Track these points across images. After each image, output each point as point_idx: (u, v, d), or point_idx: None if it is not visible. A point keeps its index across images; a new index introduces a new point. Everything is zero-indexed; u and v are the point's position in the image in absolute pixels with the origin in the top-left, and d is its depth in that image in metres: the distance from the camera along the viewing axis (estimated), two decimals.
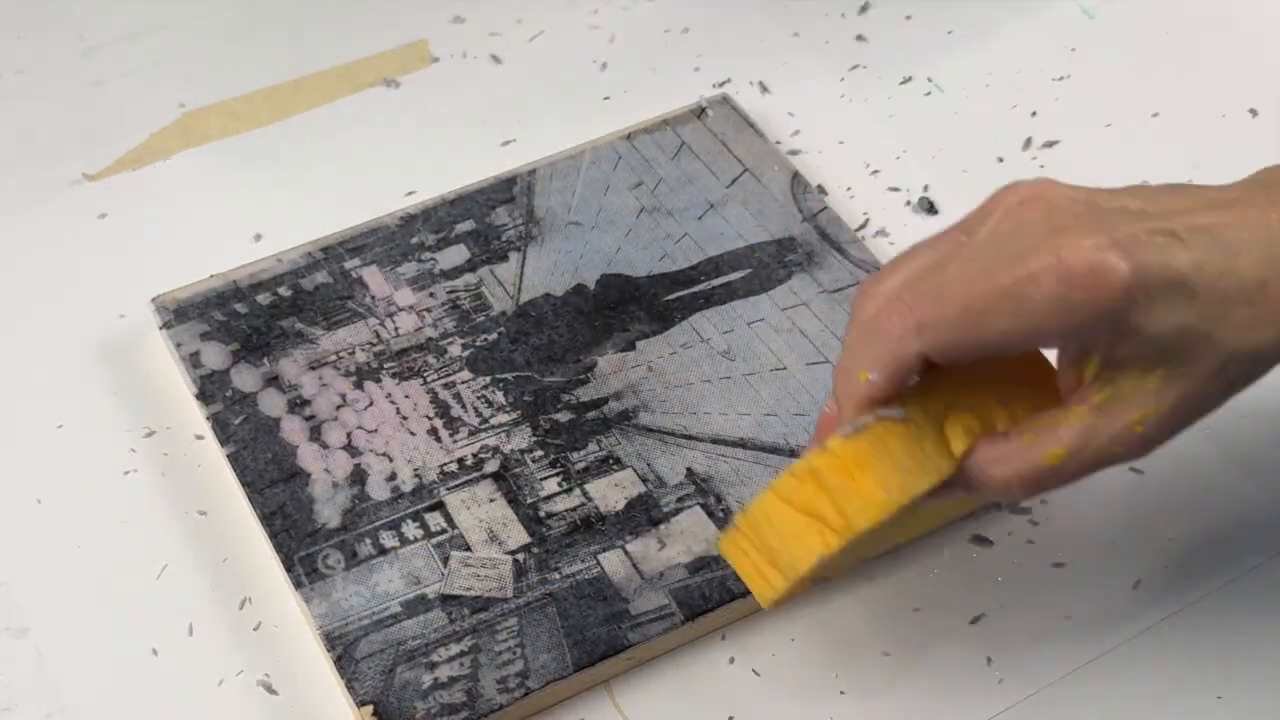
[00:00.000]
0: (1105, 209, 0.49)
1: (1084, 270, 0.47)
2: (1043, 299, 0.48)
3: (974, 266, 0.49)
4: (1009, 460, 0.51)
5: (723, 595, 0.61)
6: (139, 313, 0.69)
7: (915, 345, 0.49)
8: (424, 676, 0.58)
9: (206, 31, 0.84)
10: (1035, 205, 0.49)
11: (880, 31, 0.85)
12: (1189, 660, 0.62)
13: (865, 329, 0.51)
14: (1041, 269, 0.48)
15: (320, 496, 0.63)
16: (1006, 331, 0.49)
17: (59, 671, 0.60)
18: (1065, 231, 0.48)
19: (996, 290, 0.48)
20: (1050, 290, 0.48)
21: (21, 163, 0.77)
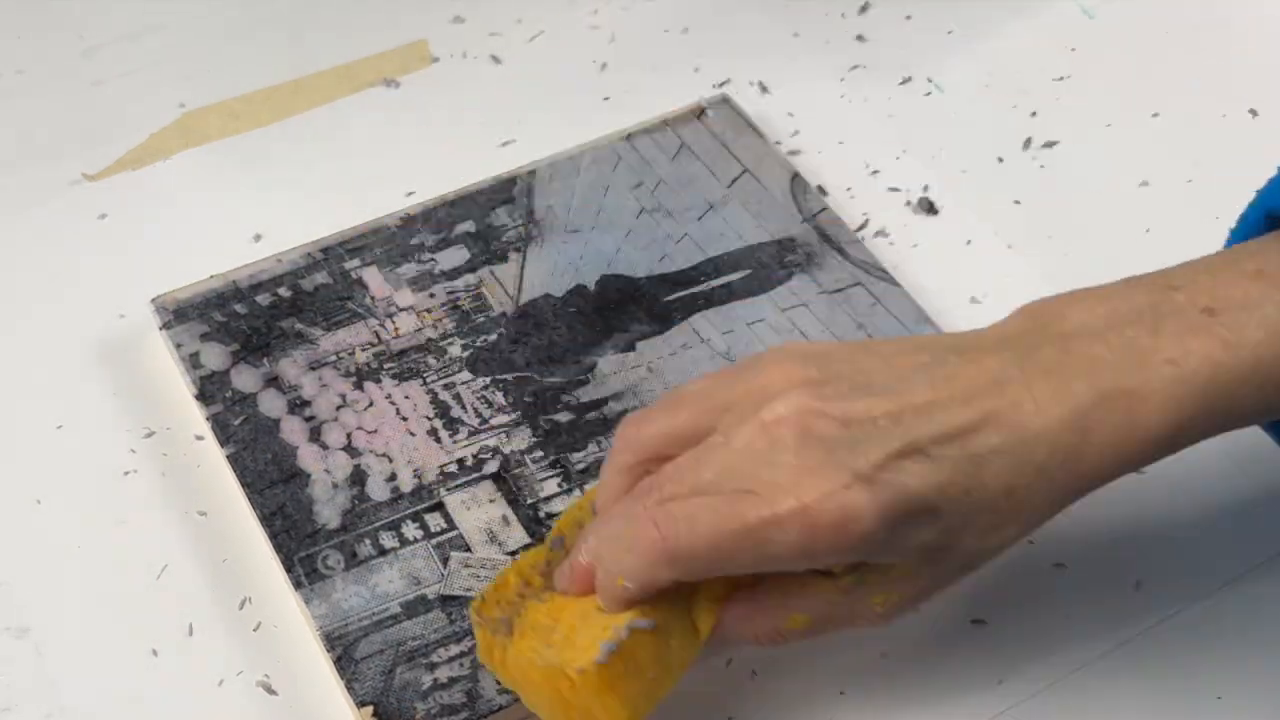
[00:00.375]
0: (856, 427, 0.50)
1: (828, 522, 0.49)
2: (786, 543, 0.50)
3: (724, 492, 0.51)
4: (754, 619, 0.54)
5: None
6: (139, 313, 0.69)
7: (667, 573, 0.51)
8: (424, 677, 0.58)
9: (206, 31, 0.84)
10: (790, 427, 0.50)
11: (880, 31, 0.85)
12: (1189, 660, 0.62)
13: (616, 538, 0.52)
14: (787, 514, 0.49)
15: (320, 497, 0.63)
16: (753, 566, 0.51)
17: (59, 671, 0.60)
18: (812, 472, 0.49)
19: (744, 530, 0.50)
20: (795, 537, 0.49)
21: (21, 163, 0.77)
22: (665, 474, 0.53)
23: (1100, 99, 0.81)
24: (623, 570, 0.52)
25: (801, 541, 0.50)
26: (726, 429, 0.52)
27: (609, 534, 0.53)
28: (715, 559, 0.51)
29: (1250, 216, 0.57)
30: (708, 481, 0.51)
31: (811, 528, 0.49)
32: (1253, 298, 0.52)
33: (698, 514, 0.50)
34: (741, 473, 0.51)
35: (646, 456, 0.54)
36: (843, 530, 0.49)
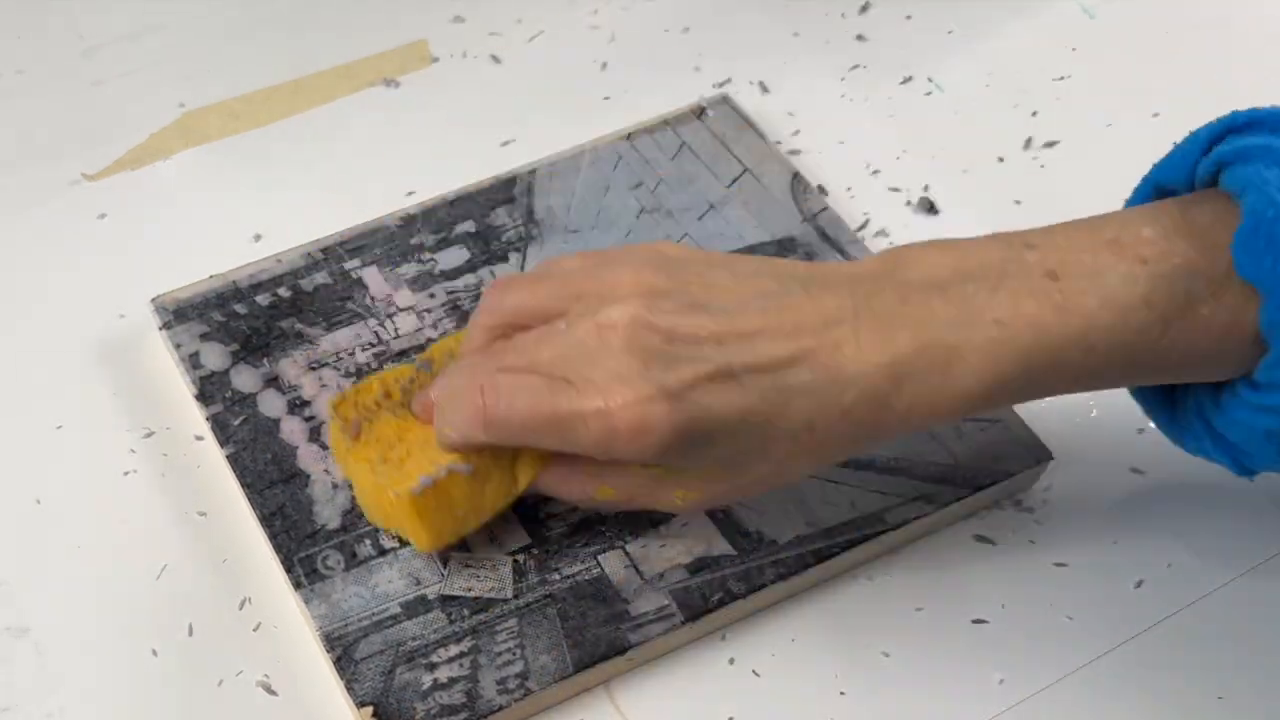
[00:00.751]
0: (679, 344, 0.54)
1: (625, 428, 0.53)
2: (588, 437, 0.54)
3: (550, 377, 0.55)
4: (569, 482, 0.58)
5: (723, 596, 0.61)
6: (139, 313, 0.69)
7: (482, 436, 0.56)
8: (424, 677, 0.58)
9: (206, 31, 0.84)
10: (618, 333, 0.54)
11: (880, 31, 0.85)
12: (1189, 660, 0.62)
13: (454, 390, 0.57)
14: (592, 413, 0.54)
15: (320, 497, 0.63)
16: (559, 448, 0.56)
17: (59, 671, 0.60)
18: (624, 380, 0.53)
19: (553, 417, 0.54)
20: (594, 434, 0.54)
21: (21, 163, 0.77)
22: (513, 344, 0.57)
23: (1100, 99, 0.81)
24: (449, 422, 0.57)
25: (600, 439, 0.54)
26: (571, 318, 0.56)
27: (449, 385, 0.58)
28: (525, 435, 0.56)
29: (1142, 189, 0.58)
30: (543, 362, 0.55)
31: (610, 430, 0.53)
32: (1098, 266, 0.53)
33: (519, 392, 0.55)
34: (569, 363, 0.55)
35: (503, 323, 0.58)
36: (638, 437, 0.53)
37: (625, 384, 0.53)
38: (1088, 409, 0.69)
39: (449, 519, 0.59)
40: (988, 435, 0.66)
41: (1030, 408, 0.68)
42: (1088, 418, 0.69)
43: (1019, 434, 0.66)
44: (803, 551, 0.62)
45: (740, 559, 0.62)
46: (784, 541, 0.62)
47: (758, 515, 0.63)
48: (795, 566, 0.62)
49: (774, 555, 0.62)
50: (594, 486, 0.58)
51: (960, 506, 0.65)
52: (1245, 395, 0.53)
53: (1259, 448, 0.53)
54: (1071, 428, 0.68)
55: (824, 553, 0.62)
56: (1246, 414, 0.53)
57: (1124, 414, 0.69)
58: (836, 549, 0.62)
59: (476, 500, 0.59)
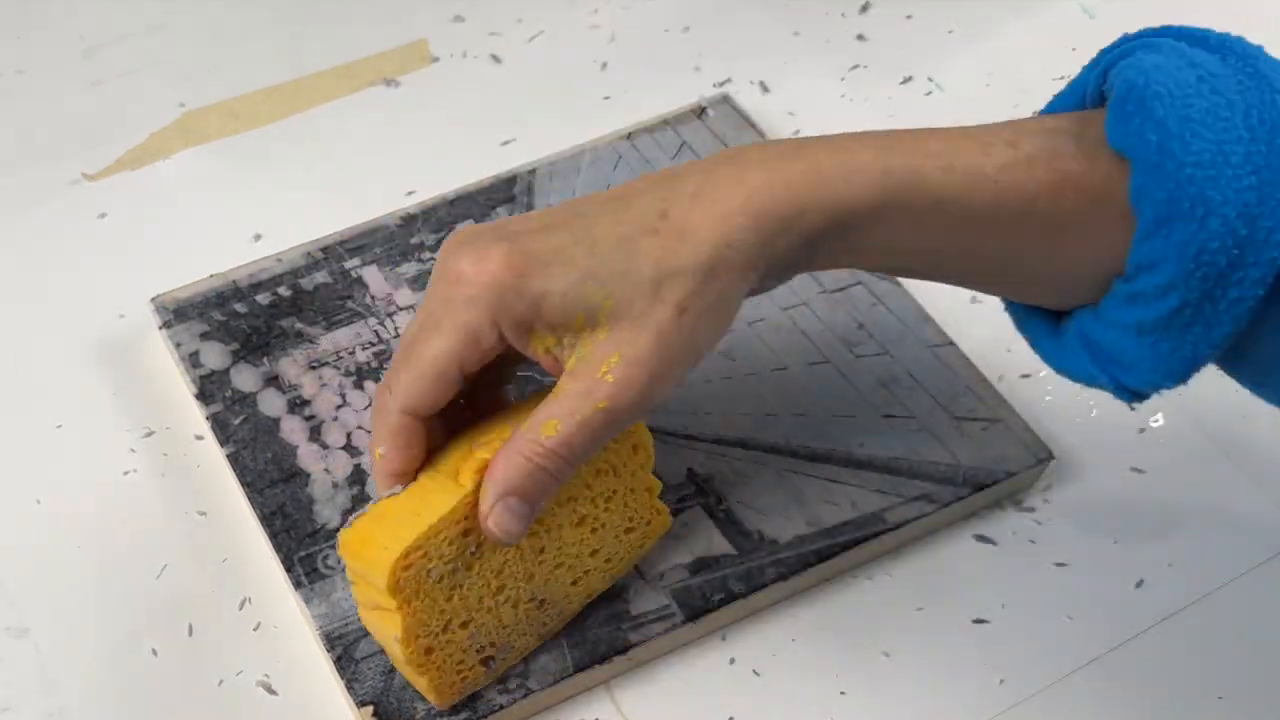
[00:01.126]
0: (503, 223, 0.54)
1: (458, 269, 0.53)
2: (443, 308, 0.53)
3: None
4: (512, 453, 0.54)
5: (723, 595, 0.61)
6: (139, 313, 0.69)
7: (395, 406, 0.55)
8: None
9: (206, 31, 0.84)
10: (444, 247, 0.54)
11: (880, 31, 0.85)
12: (1189, 660, 0.62)
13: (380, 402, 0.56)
14: (436, 283, 0.54)
15: (320, 496, 0.63)
16: (445, 351, 0.53)
17: (59, 671, 0.60)
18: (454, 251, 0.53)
19: (418, 325, 0.54)
20: (443, 296, 0.53)
21: (21, 163, 0.77)
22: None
23: None
24: (376, 438, 0.56)
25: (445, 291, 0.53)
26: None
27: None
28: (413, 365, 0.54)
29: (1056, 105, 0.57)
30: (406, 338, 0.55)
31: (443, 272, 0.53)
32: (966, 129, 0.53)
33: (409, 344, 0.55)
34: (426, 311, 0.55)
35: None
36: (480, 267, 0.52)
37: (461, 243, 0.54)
38: (1088, 409, 0.69)
39: (390, 531, 0.54)
40: (988, 435, 0.66)
41: (1030, 408, 0.68)
42: (1088, 418, 0.69)
43: (1019, 434, 0.66)
44: (803, 551, 0.62)
45: (740, 559, 0.62)
46: (784, 541, 0.62)
47: (758, 515, 0.63)
48: (795, 566, 0.62)
49: (774, 555, 0.62)
50: (537, 432, 0.54)
51: (960, 506, 0.65)
52: (1118, 289, 0.51)
53: (1133, 349, 0.51)
54: (1071, 428, 0.68)
55: (824, 553, 0.62)
56: (1119, 310, 0.51)
57: (1124, 414, 0.69)
58: (836, 549, 0.62)
59: (417, 509, 0.55)
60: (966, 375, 0.68)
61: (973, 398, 0.67)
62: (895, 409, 0.67)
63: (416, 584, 0.54)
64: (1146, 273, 0.50)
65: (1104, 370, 0.53)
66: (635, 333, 0.53)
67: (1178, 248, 0.48)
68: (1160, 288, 0.49)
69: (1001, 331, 0.71)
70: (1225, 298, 0.49)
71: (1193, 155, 0.48)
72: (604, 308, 0.52)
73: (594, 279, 0.52)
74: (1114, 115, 0.50)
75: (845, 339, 0.69)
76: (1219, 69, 0.50)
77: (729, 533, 0.63)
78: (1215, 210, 0.47)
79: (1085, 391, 0.69)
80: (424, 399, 0.54)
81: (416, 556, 0.54)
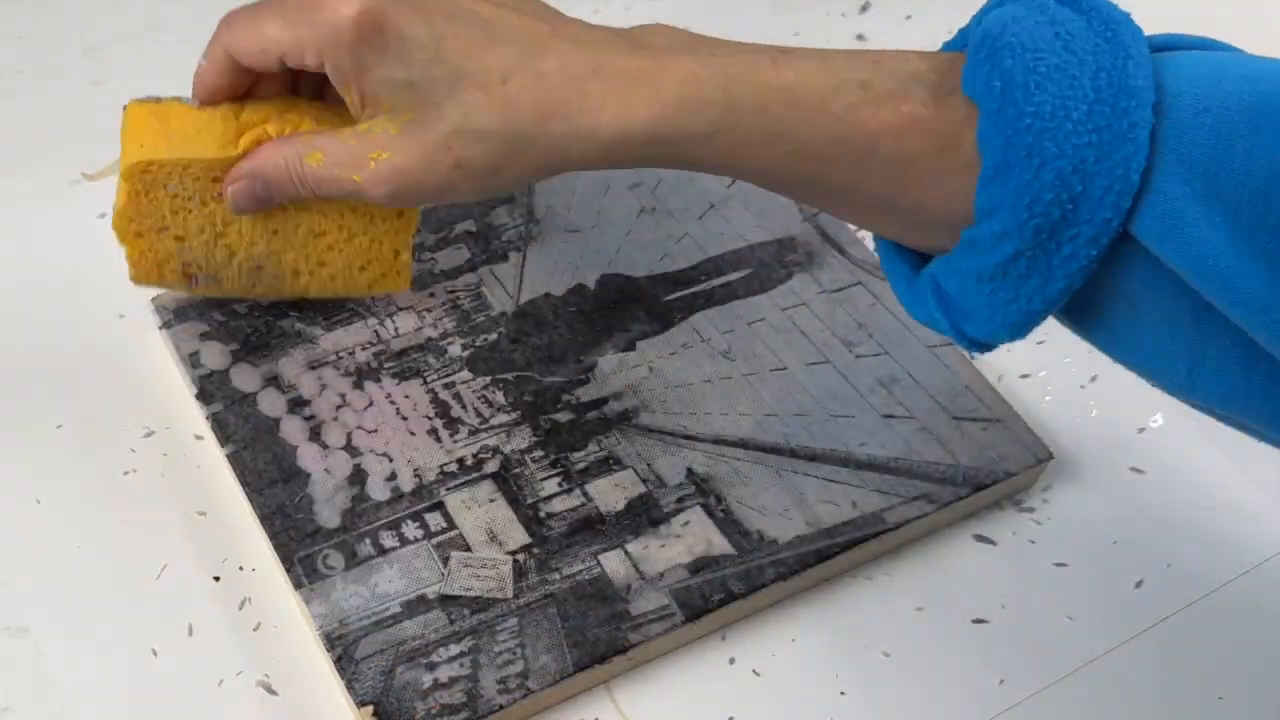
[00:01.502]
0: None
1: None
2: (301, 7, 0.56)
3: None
4: (277, 151, 0.60)
5: (723, 595, 0.61)
6: (139, 313, 0.69)
7: (222, 40, 0.60)
8: (424, 677, 0.58)
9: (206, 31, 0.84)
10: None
11: (880, 31, 0.85)
12: (1189, 660, 0.62)
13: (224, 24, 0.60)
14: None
15: (320, 496, 0.63)
16: (275, 39, 0.57)
17: (59, 671, 0.60)
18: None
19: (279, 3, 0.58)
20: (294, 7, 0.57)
21: (21, 163, 0.77)
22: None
23: None
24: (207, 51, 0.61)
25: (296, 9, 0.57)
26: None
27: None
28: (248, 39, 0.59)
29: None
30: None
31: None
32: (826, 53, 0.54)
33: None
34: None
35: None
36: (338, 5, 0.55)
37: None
38: (1088, 409, 0.69)
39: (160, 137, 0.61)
40: (988, 435, 0.66)
41: (1030, 408, 0.68)
42: (1088, 418, 0.69)
43: (1019, 434, 0.66)
44: (803, 551, 0.62)
45: (740, 559, 0.62)
46: (784, 541, 0.62)
47: (758, 515, 0.63)
48: (795, 566, 0.62)
49: (774, 555, 0.62)
50: (304, 147, 0.59)
51: (960, 506, 0.65)
52: (963, 236, 0.52)
53: (973, 296, 0.52)
54: (1071, 428, 0.68)
55: (824, 553, 0.62)
56: (963, 256, 0.52)
57: (1124, 414, 0.69)
58: (836, 549, 0.63)
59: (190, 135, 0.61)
60: (966, 375, 0.68)
61: (972, 398, 0.67)
62: (895, 409, 0.67)
63: (148, 186, 0.61)
64: (986, 219, 0.50)
65: (947, 317, 0.53)
66: (412, 151, 0.56)
67: (1013, 195, 0.49)
68: (996, 235, 0.49)
69: None
70: (1059, 253, 0.49)
71: (1033, 105, 0.48)
72: (404, 115, 0.56)
73: (411, 90, 0.55)
74: (969, 63, 0.51)
75: (845, 339, 0.69)
76: (1079, 29, 0.50)
77: (729, 533, 0.63)
78: (1050, 162, 0.48)
79: (1085, 391, 0.70)
80: (244, 56, 0.59)
81: (159, 170, 0.61)
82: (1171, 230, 0.48)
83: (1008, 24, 0.50)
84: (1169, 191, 0.47)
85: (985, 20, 0.51)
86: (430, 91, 0.55)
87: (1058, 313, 0.52)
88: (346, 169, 0.58)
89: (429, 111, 0.55)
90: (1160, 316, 0.50)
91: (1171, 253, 0.48)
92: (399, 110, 0.56)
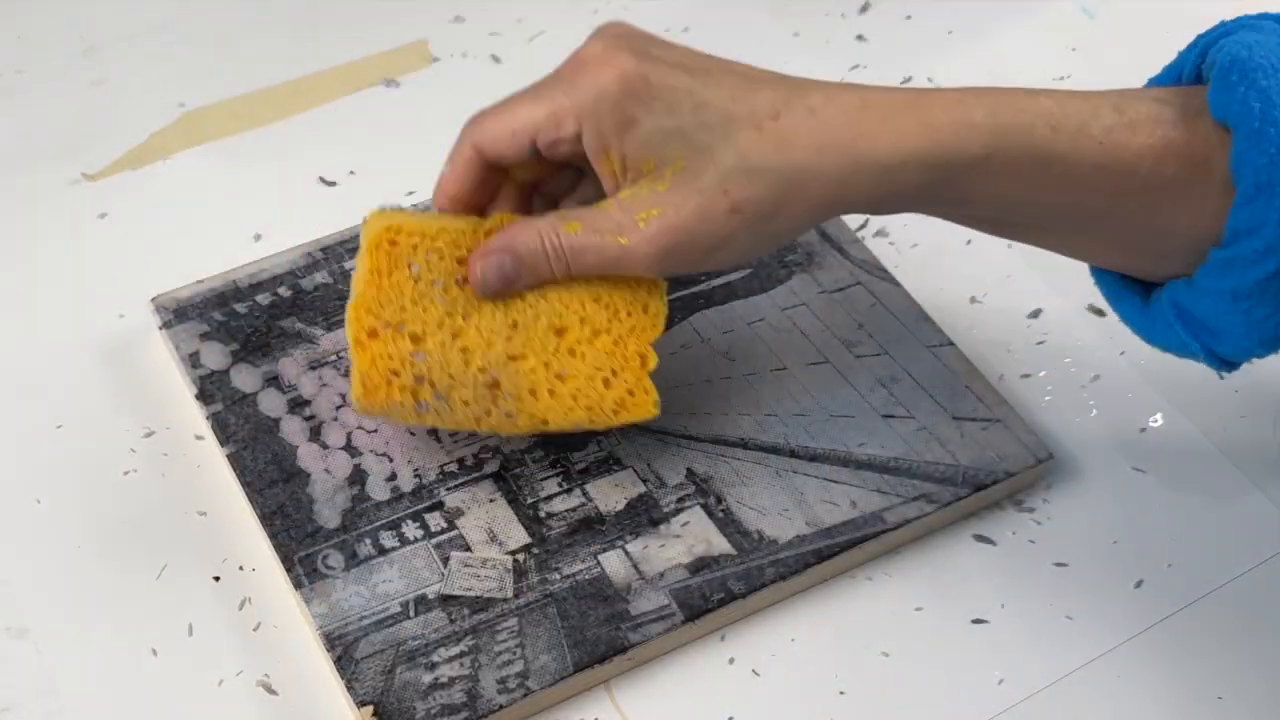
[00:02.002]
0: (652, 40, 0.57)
1: (589, 57, 0.56)
2: (554, 83, 0.57)
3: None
4: (531, 224, 0.59)
5: (723, 595, 0.61)
6: (139, 313, 0.69)
7: (469, 138, 0.59)
8: (424, 677, 0.58)
9: (206, 31, 0.84)
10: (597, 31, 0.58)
11: (880, 31, 0.85)
12: (1189, 660, 0.62)
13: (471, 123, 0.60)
14: (566, 61, 0.58)
15: (320, 496, 0.63)
16: (529, 117, 0.57)
17: (59, 671, 0.60)
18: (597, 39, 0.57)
19: (532, 86, 0.58)
20: (562, 76, 0.57)
21: (21, 163, 0.77)
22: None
23: None
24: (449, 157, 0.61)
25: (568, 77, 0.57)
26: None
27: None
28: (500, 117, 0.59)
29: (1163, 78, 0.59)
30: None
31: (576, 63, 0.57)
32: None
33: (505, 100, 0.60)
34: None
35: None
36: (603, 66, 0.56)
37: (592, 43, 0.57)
38: (1088, 409, 0.69)
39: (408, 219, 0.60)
40: (988, 435, 0.66)
41: (1030, 408, 0.68)
42: (1088, 418, 0.69)
43: (1019, 434, 0.66)
44: (803, 551, 0.62)
45: (740, 559, 0.62)
46: (784, 541, 0.63)
47: (758, 515, 0.63)
48: (795, 566, 0.62)
49: (774, 555, 0.62)
50: (561, 222, 0.58)
51: (960, 506, 0.65)
52: (1215, 256, 0.53)
53: (1227, 316, 0.53)
54: (1071, 427, 0.68)
55: (824, 553, 0.62)
56: (1215, 276, 0.53)
57: (1124, 414, 0.69)
58: (836, 549, 0.63)
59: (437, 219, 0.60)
60: (966, 375, 0.68)
61: (972, 398, 0.67)
62: (895, 409, 0.67)
63: (392, 262, 0.59)
64: (1245, 238, 0.51)
65: (1196, 339, 0.54)
66: (685, 203, 0.55)
67: (1277, 212, 0.50)
68: (1258, 252, 0.51)
69: (1001, 331, 0.71)
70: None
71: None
72: (675, 166, 0.55)
73: (682, 138, 0.55)
74: (1217, 86, 0.52)
75: (845, 339, 0.69)
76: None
77: (729, 533, 0.63)
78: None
79: (1085, 391, 0.70)
80: (493, 145, 0.58)
81: (404, 238, 0.60)
82: None
83: (1252, 48, 0.51)
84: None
85: (1225, 47, 0.52)
86: (701, 135, 0.55)
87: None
88: (610, 234, 0.57)
89: (700, 158, 0.55)
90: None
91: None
92: (667, 163, 0.55)
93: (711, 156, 0.55)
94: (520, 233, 0.59)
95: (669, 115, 0.55)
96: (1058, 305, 0.72)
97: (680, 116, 0.55)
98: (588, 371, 0.61)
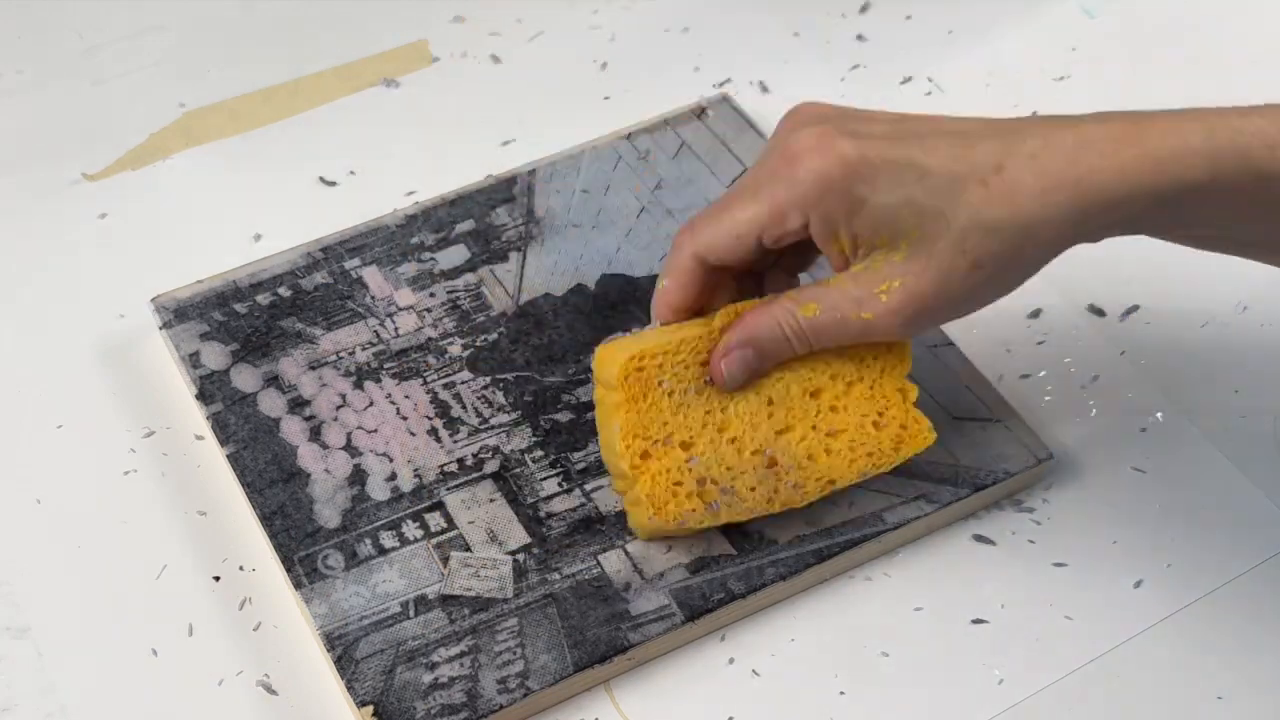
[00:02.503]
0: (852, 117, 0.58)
1: (801, 149, 0.56)
2: (768, 179, 0.57)
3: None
4: (765, 312, 0.59)
5: (723, 595, 0.61)
6: (139, 313, 0.69)
7: (689, 248, 0.59)
8: (424, 677, 0.58)
9: (206, 31, 0.84)
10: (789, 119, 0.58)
11: (880, 31, 0.85)
12: (1189, 660, 0.62)
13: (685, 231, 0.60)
14: (771, 154, 0.57)
15: (320, 496, 0.63)
16: (752, 218, 0.57)
17: (59, 671, 0.60)
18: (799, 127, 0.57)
19: (741, 186, 0.58)
20: (775, 170, 0.57)
21: (21, 163, 0.77)
22: None
23: (1100, 99, 0.81)
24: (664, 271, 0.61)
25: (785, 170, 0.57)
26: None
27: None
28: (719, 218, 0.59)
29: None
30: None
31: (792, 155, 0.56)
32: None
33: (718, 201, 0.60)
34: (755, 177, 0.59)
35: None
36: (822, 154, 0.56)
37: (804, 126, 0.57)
38: (1088, 409, 0.69)
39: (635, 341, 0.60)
40: (988, 435, 0.66)
41: (1030, 408, 0.68)
42: (1088, 418, 0.69)
43: (1019, 434, 0.66)
44: (802, 551, 0.62)
45: (740, 559, 0.62)
46: (784, 541, 0.63)
47: None
48: (795, 566, 0.62)
49: (774, 555, 0.62)
50: (796, 306, 0.59)
51: (960, 506, 0.65)
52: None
53: None
54: (1071, 428, 0.68)
55: (824, 553, 0.62)
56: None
57: (1124, 414, 0.69)
58: (836, 549, 0.63)
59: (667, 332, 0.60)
60: (966, 375, 0.68)
61: (972, 398, 0.67)
62: None
63: (643, 386, 0.60)
64: None
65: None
66: (926, 269, 0.56)
67: None
68: None
69: (1001, 331, 0.71)
70: None
71: None
72: (910, 235, 0.56)
73: (912, 207, 0.55)
74: None
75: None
76: None
77: (729, 533, 0.63)
78: None
79: (1085, 391, 0.70)
80: (716, 251, 0.59)
81: (649, 361, 0.59)
82: None
83: None
84: None
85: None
86: (931, 202, 0.55)
87: None
88: (850, 311, 0.58)
89: (934, 223, 0.55)
90: None
91: None
92: (901, 234, 0.56)
93: (944, 220, 0.55)
94: (758, 325, 0.59)
95: (895, 189, 0.55)
96: (1058, 305, 0.72)
97: (907, 188, 0.55)
98: (856, 421, 0.62)
